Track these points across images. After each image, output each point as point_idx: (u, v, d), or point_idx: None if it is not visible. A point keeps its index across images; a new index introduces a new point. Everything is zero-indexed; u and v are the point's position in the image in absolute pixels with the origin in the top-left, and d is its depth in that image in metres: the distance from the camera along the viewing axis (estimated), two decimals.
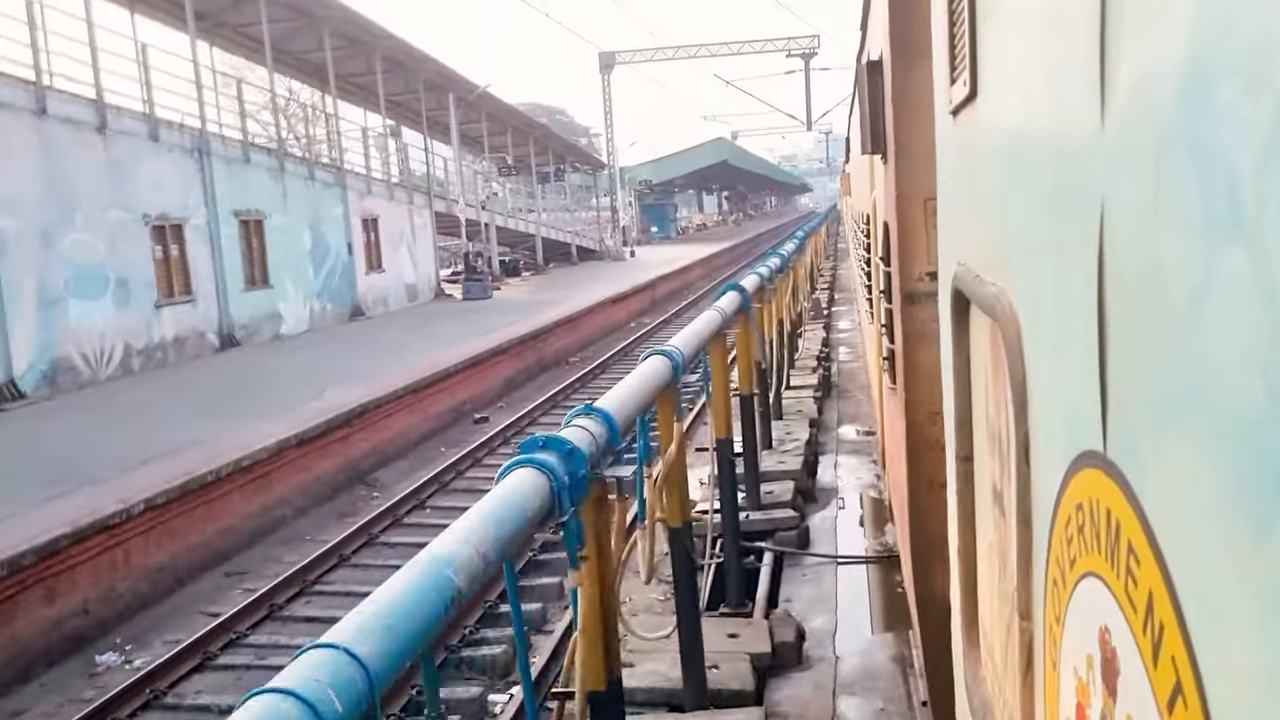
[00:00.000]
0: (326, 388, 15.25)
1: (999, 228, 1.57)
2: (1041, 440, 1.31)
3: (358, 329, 24.18)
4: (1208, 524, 0.71)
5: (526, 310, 25.78)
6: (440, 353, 18.63)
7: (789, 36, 51.52)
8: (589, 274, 38.04)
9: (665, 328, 27.00)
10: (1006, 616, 1.64)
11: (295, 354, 19.90)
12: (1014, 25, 1.40)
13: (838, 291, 27.09)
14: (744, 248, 57.78)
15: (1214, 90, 0.67)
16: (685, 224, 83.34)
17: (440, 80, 33.58)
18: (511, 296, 31.50)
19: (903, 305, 3.99)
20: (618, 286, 31.53)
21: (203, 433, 12.39)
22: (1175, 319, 0.76)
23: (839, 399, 12.76)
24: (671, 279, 38.43)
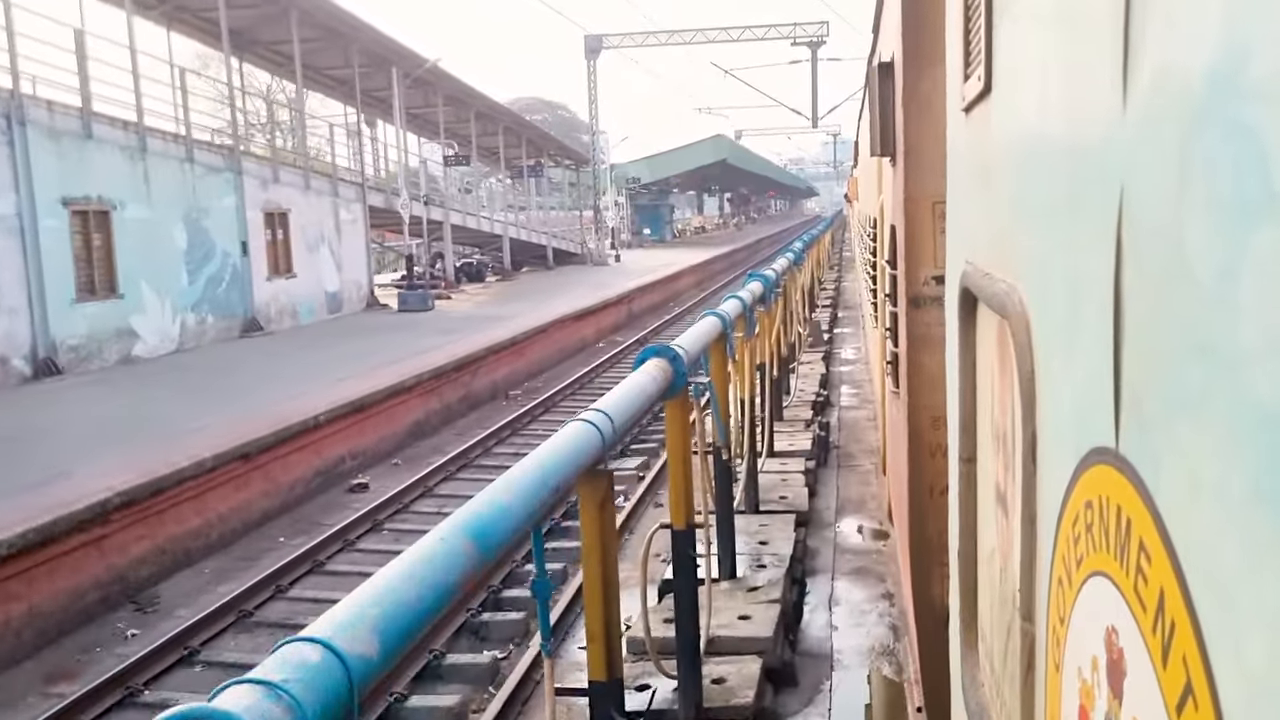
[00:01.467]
0: (77, 466, 10.37)
1: (1011, 223, 1.56)
2: (1049, 438, 1.29)
3: (240, 350, 19.48)
4: (1226, 521, 0.69)
5: (471, 326, 22.12)
6: (322, 389, 14.54)
7: (795, 23, 46.70)
8: (562, 281, 34.53)
9: (637, 350, 23.45)
10: (1007, 619, 1.63)
11: (112, 391, 15.16)
12: (1032, 16, 1.39)
13: (842, 309, 24.33)
14: (742, 254, 53.87)
15: (1247, 67, 0.65)
16: (683, 226, 79.32)
17: (381, 52, 28.29)
18: (458, 308, 27.28)
19: (908, 309, 3.98)
20: (591, 297, 27.93)
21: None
22: (1199, 307, 0.74)
23: (839, 469, 9.72)
24: (656, 289, 34.72)
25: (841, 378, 14.80)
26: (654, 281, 34.74)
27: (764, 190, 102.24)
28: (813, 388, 12.39)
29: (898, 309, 4.22)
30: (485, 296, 30.75)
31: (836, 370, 15.40)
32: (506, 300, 28.78)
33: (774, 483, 8.19)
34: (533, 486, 2.33)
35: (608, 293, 29.49)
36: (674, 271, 38.78)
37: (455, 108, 35.46)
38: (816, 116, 50.51)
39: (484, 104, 36.87)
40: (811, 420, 10.54)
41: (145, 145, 18.79)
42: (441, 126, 34.89)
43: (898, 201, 4.13)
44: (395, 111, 30.35)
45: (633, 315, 30.58)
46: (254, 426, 12.19)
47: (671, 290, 36.91)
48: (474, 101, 35.79)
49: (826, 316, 21.19)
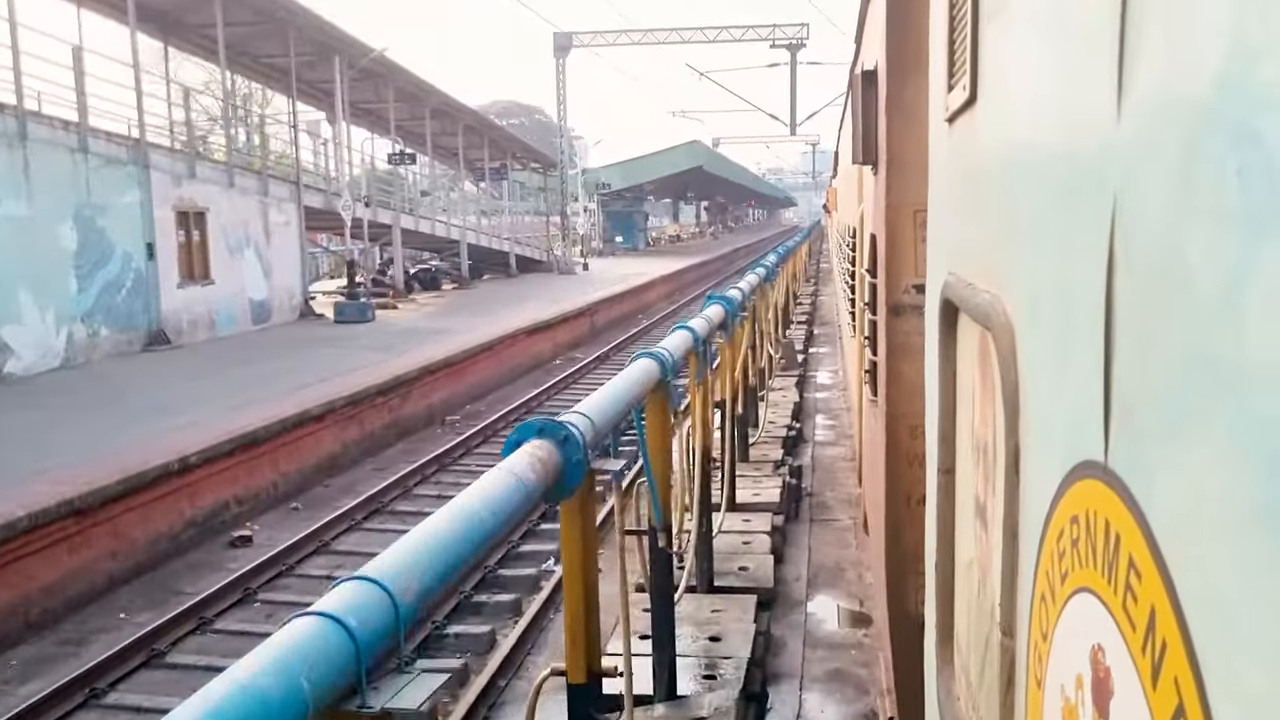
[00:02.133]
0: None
1: (996, 234, 1.55)
2: (1034, 450, 1.28)
3: (136, 368, 17.05)
4: (1221, 541, 0.67)
5: (411, 341, 20.16)
6: (214, 418, 12.43)
7: (773, 24, 44.06)
8: (523, 290, 32.26)
9: (598, 368, 22.21)
10: (985, 632, 1.61)
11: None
12: (1022, 23, 1.37)
13: (818, 325, 22.74)
14: (716, 264, 52.21)
15: (1254, 72, 0.63)
16: (657, 234, 77.17)
17: (323, 39, 25.82)
18: (403, 319, 25.01)
19: (888, 317, 3.99)
20: (551, 309, 25.82)
21: None
22: (1199, 318, 0.72)
23: (812, 524, 8.22)
24: (623, 300, 32.45)
25: (817, 405, 13.43)
26: (622, 292, 32.56)
27: (742, 199, 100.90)
28: (784, 419, 11.04)
29: (877, 317, 4.22)
30: (435, 307, 28.30)
31: (811, 397, 13.99)
32: (457, 312, 26.32)
33: (734, 547, 6.91)
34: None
35: (570, 304, 27.31)
36: (644, 282, 36.62)
37: (409, 104, 33.05)
38: (795, 123, 46.89)
39: (440, 100, 34.04)
40: (781, 462, 9.21)
41: (25, 132, 16.44)
42: (393, 123, 32.46)
43: (879, 209, 4.13)
44: (337, 104, 27.41)
45: (595, 330, 28.35)
46: (105, 469, 10.00)
47: (640, 302, 34.82)
48: (429, 97, 33.08)
49: (802, 334, 19.64)
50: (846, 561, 7.41)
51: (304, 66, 26.99)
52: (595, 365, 22.77)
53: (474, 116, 37.65)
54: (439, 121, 35.44)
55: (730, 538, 7.02)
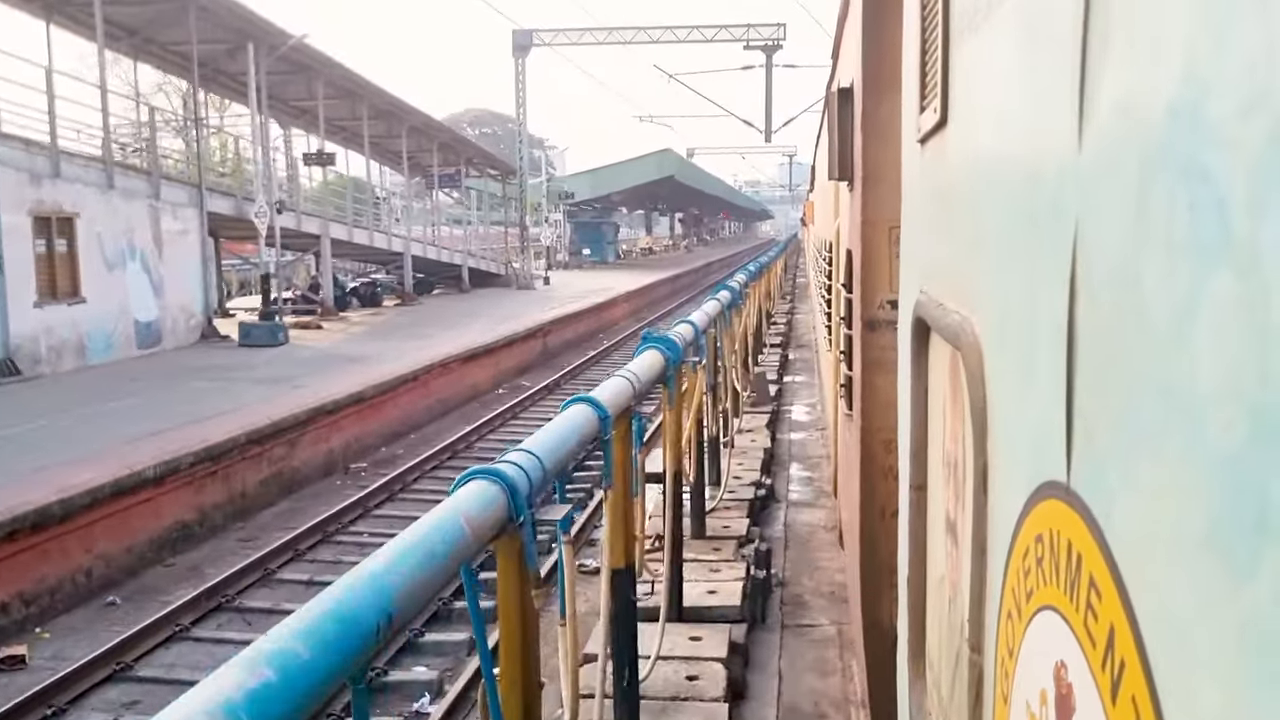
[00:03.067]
0: None
1: (965, 255, 1.57)
2: (1001, 469, 1.30)
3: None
4: (1177, 562, 0.69)
5: (322, 369, 17.35)
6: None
7: (748, 24, 41.14)
8: (473, 307, 29.82)
9: (546, 399, 19.62)
10: (955, 648, 1.63)
11: None
12: (989, 50, 1.39)
13: (794, 348, 20.38)
14: (689, 278, 49.65)
15: (1204, 109, 0.65)
16: (628, 247, 74.48)
17: (235, 23, 22.68)
18: (323, 342, 22.09)
19: (863, 332, 4.01)
20: (499, 329, 23.25)
21: None
22: (1153, 345, 0.74)
23: (784, 632, 6.20)
24: (582, 319, 29.78)
25: (791, 451, 11.14)
26: (582, 310, 30.06)
27: (717, 211, 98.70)
28: (753, 472, 9.12)
29: (853, 332, 4.25)
30: (368, 327, 25.19)
31: (785, 439, 11.68)
32: (390, 333, 23.28)
33: (673, 682, 4.84)
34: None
35: (520, 324, 24.74)
36: (608, 298, 33.95)
37: (348, 102, 29.78)
38: (770, 130, 43.21)
39: (380, 98, 30.61)
40: (746, 538, 7.14)
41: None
42: (322, 120, 28.80)
43: (855, 225, 4.16)
44: (251, 96, 23.91)
45: (548, 353, 25.67)
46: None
47: (602, 320, 32.05)
48: (364, 93, 29.54)
49: (776, 360, 17.35)
50: (830, 699, 5.28)
51: (224, 56, 24.34)
52: (544, 395, 20.08)
53: (420, 117, 33.82)
54: (383, 122, 32.36)
55: (670, 668, 4.94)
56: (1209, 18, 0.65)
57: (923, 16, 2.01)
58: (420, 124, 34.33)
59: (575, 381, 21.71)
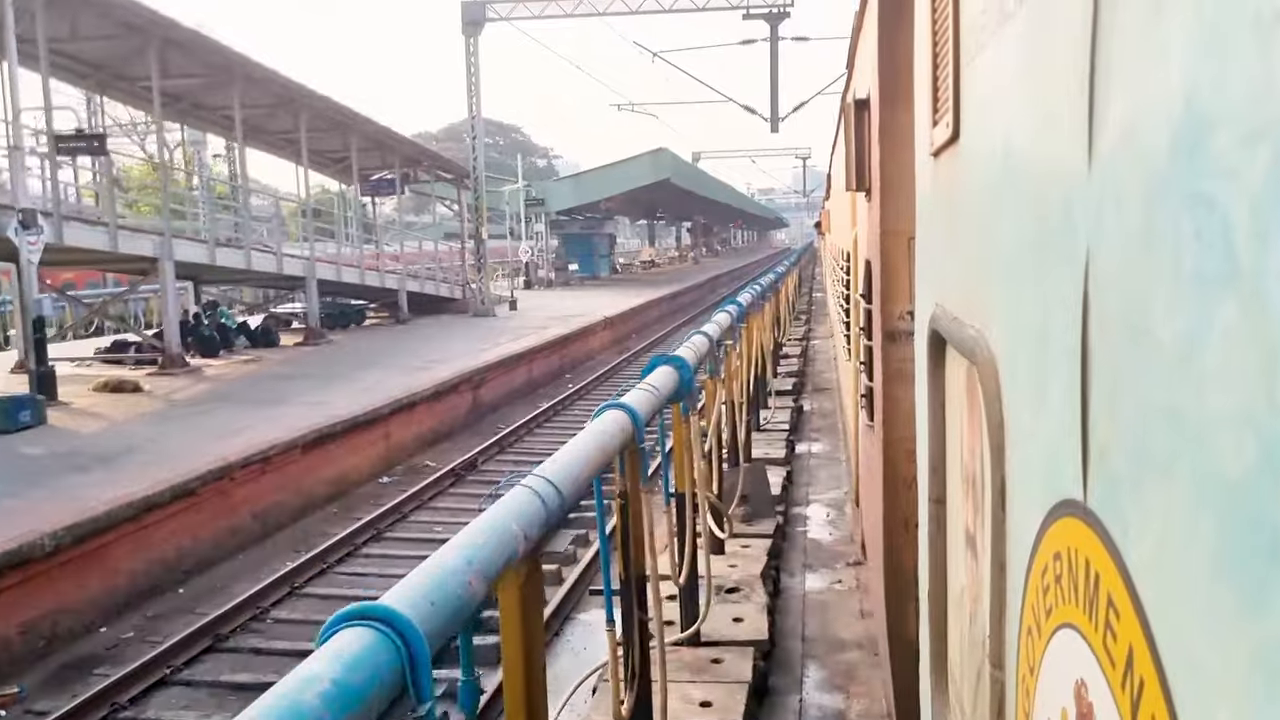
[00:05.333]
0: None
1: (979, 271, 1.57)
2: (1019, 486, 1.29)
3: None
4: (1193, 584, 0.69)
5: (36, 481, 10.51)
6: None
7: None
8: (395, 345, 23.37)
9: (458, 488, 13.81)
10: (977, 663, 1.62)
11: None
12: (1000, 69, 1.40)
13: (811, 393, 15.53)
14: (691, 295, 43.47)
15: (1208, 139, 0.66)
16: (627, 260, 66.80)
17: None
18: (117, 414, 14.57)
19: (883, 343, 4.00)
20: (408, 380, 17.08)
21: None
22: (1162, 369, 0.75)
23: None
24: (541, 357, 22.94)
25: (807, 627, 6.34)
26: (542, 345, 23.30)
27: (728, 220, 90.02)
28: (755, 566, 6.68)
29: (873, 343, 4.24)
30: (209, 385, 17.74)
31: (798, 592, 7.05)
32: (232, 397, 16.30)
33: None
34: None
35: (447, 369, 18.49)
36: (583, 325, 27.15)
37: (255, 90, 23.24)
38: (777, 117, 33.33)
39: (288, 89, 23.94)
40: (752, 679, 5.06)
41: None
42: (158, 97, 20.84)
43: (873, 236, 4.16)
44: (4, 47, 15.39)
45: (479, 409, 18.93)
46: None
47: (569, 356, 25.17)
48: (269, 82, 22.98)
49: (785, 420, 12.38)
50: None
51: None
52: (451, 482, 13.94)
53: (340, 111, 26.42)
54: (288, 113, 25.28)
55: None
56: (1211, 48, 0.66)
57: (934, 31, 2.02)
58: (342, 118, 27.05)
59: (512, 454, 15.65)
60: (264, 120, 26.13)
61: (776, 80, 32.79)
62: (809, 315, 28.53)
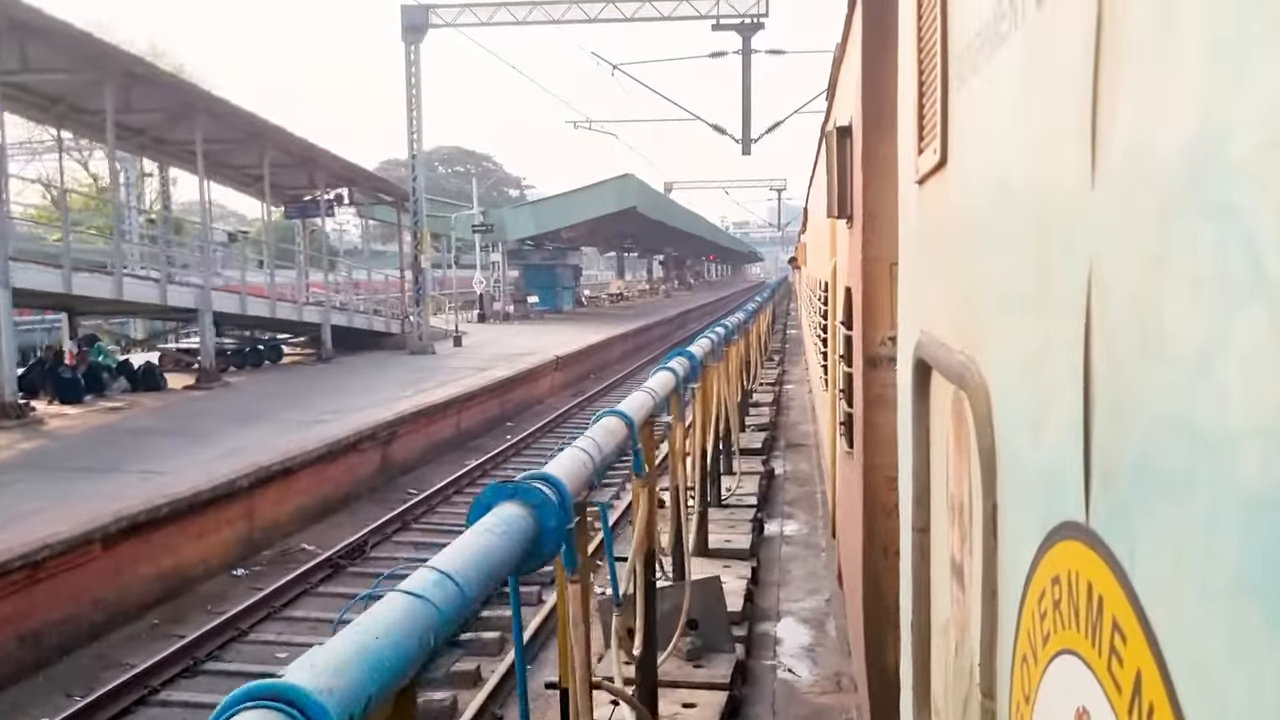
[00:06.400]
0: None
1: (969, 295, 1.56)
2: (1012, 511, 1.28)
3: None
4: (1207, 606, 0.67)
5: None
6: None
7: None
8: (306, 387, 20.62)
9: (342, 581, 11.01)
10: (963, 692, 1.60)
11: None
12: (992, 92, 1.40)
13: (786, 451, 13.66)
14: (660, 329, 41.83)
15: (1227, 146, 0.64)
16: (594, 293, 64.50)
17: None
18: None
19: (864, 369, 4.01)
20: (306, 436, 14.21)
21: None
22: (1177, 384, 0.73)
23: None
24: (475, 404, 19.90)
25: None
26: (478, 390, 20.23)
27: (701, 253, 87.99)
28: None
29: (853, 369, 4.24)
30: (28, 446, 14.33)
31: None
32: (44, 463, 13.05)
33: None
34: None
35: (350, 422, 15.43)
36: (531, 365, 24.28)
37: (154, 95, 20.64)
38: (749, 138, 29.96)
39: (180, 90, 21.45)
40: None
41: None
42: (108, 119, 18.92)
43: (855, 263, 4.17)
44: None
45: (388, 471, 15.82)
46: None
47: (512, 402, 22.21)
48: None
49: (753, 489, 10.25)
50: None
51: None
52: (322, 578, 11.08)
53: (250, 121, 23.34)
54: (186, 120, 21.81)
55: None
56: (1226, 54, 0.65)
57: (919, 58, 2.02)
58: (253, 130, 23.81)
59: (417, 530, 12.98)
60: (164, 130, 23.07)
61: (749, 97, 29.39)
62: (783, 355, 26.70)
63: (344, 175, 29.76)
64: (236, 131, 23.52)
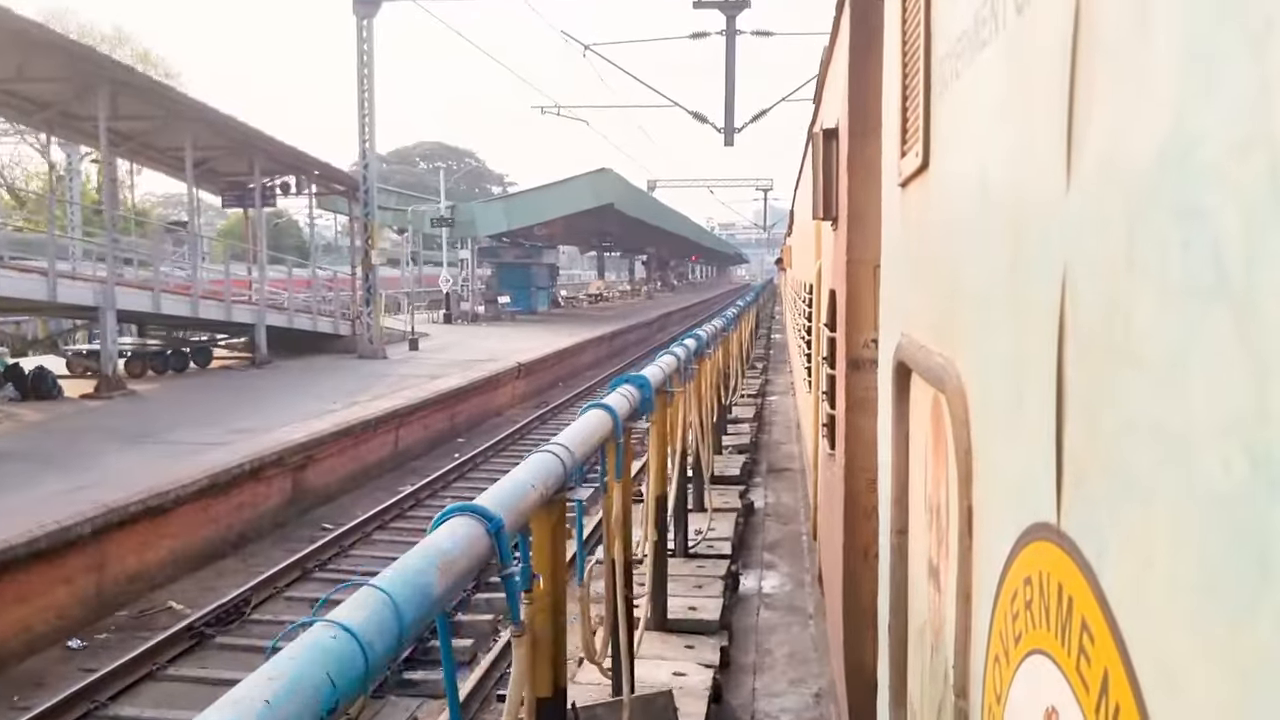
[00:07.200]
0: None
1: (948, 297, 1.57)
2: (987, 512, 1.29)
3: None
4: (1173, 605, 0.68)
5: None
6: None
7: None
8: (224, 397, 18.02)
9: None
10: (938, 693, 1.61)
11: None
12: (973, 97, 1.41)
13: (767, 471, 12.30)
14: (639, 333, 39.93)
15: (1197, 151, 0.65)
16: (572, 293, 62.28)
17: None
18: None
19: (847, 371, 4.02)
20: (186, 465, 11.65)
21: None
22: (1146, 386, 0.74)
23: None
24: (418, 420, 17.50)
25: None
26: (423, 403, 17.77)
27: (685, 253, 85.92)
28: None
29: (836, 371, 4.25)
30: None
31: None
32: None
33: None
34: None
35: (256, 443, 13.12)
36: (491, 373, 21.86)
37: (52, 63, 18.50)
38: (732, 128, 26.95)
39: (93, 63, 19.06)
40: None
41: None
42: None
43: (839, 265, 4.18)
44: None
45: (299, 502, 13.44)
46: None
47: (464, 415, 19.91)
48: (67, 53, 18.23)
49: (728, 529, 8.82)
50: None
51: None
52: (180, 653, 8.60)
53: (165, 95, 21.28)
54: (94, 97, 19.34)
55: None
56: (1198, 58, 0.66)
57: (904, 62, 2.03)
58: (178, 107, 21.34)
59: (320, 579, 10.57)
60: (72, 104, 20.51)
61: (733, 82, 26.01)
62: (767, 363, 24.76)
63: (288, 162, 26.78)
64: (156, 109, 21.13)
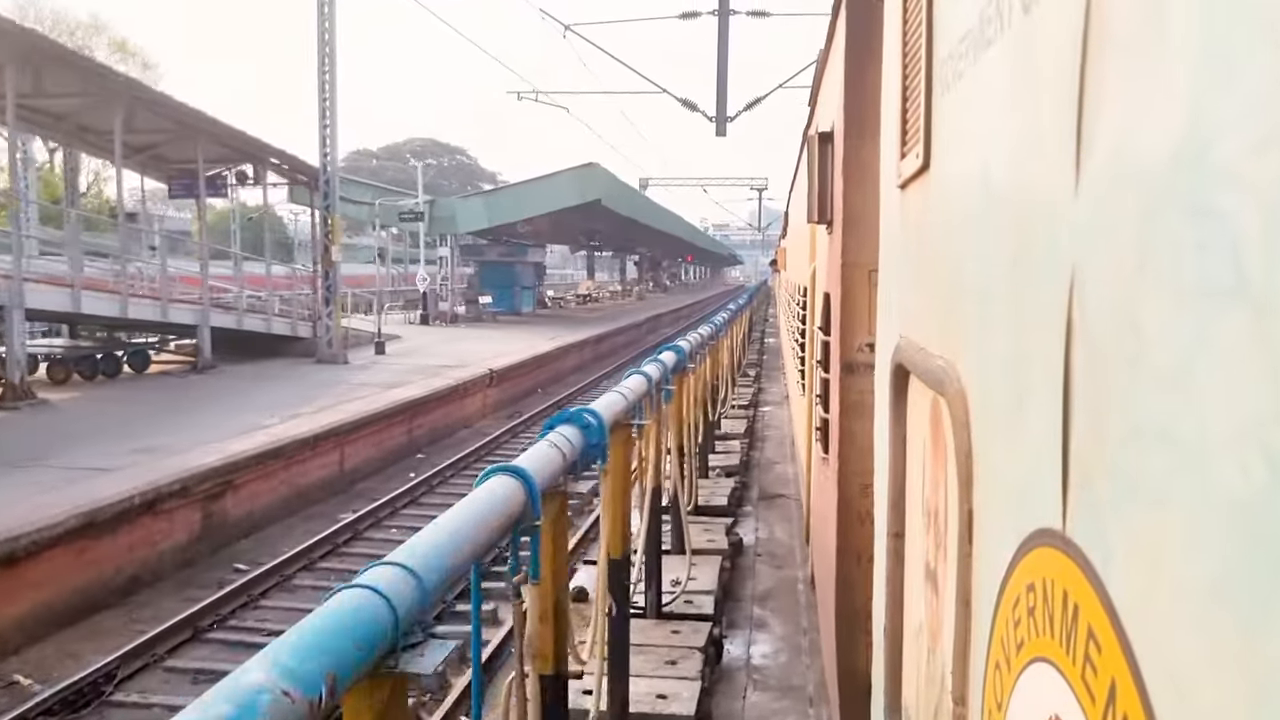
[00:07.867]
0: None
1: (950, 300, 1.56)
2: (988, 518, 1.27)
3: None
4: (1184, 613, 0.67)
5: None
6: None
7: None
8: (151, 408, 15.88)
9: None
10: (934, 700, 1.60)
11: None
12: (977, 97, 1.39)
13: (758, 498, 10.67)
14: (626, 335, 38.21)
15: (1213, 149, 0.64)
16: (562, 293, 59.98)
17: None
18: None
19: (841, 374, 4.01)
20: (73, 493, 9.72)
21: None
22: (1156, 390, 0.73)
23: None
24: (369, 435, 15.60)
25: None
26: (376, 415, 15.89)
27: (678, 253, 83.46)
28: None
29: (830, 375, 4.25)
30: None
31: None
32: None
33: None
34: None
35: (164, 466, 11.19)
36: (455, 382, 19.75)
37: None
38: (724, 117, 24.93)
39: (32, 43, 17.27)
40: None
41: None
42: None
43: (834, 268, 4.18)
44: None
45: (210, 537, 11.42)
46: None
47: (425, 428, 17.95)
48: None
49: (711, 575, 7.22)
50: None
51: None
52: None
53: (90, 73, 19.28)
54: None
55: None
56: (1213, 56, 0.64)
57: (904, 64, 2.02)
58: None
59: (209, 648, 8.60)
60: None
61: (725, 66, 23.86)
62: (760, 369, 23.22)
63: (238, 147, 24.27)
64: (85, 85, 19.03)
